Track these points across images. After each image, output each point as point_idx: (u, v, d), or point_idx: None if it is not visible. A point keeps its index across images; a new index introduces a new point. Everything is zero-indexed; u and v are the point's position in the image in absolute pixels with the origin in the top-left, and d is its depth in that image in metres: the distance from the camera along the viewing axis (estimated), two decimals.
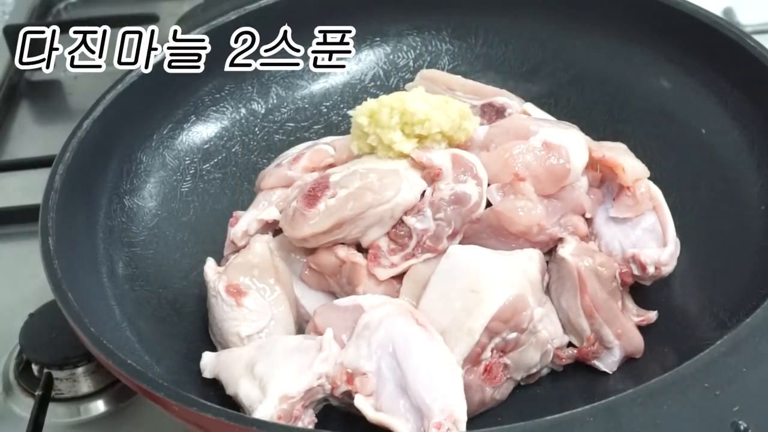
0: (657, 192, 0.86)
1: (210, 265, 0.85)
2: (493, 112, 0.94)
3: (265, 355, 0.76)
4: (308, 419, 0.74)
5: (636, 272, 0.83)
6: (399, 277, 0.83)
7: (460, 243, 0.83)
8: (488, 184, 0.84)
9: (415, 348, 0.74)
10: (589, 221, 0.87)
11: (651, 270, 0.82)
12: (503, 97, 0.94)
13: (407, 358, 0.73)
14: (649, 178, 0.88)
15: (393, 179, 0.83)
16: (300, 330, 0.84)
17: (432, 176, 0.83)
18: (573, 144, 0.85)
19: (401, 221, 0.83)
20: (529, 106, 0.94)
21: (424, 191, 0.83)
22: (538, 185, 0.83)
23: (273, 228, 0.90)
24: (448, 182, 0.83)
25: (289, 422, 0.72)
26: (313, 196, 0.83)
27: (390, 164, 0.84)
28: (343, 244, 0.84)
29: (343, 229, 0.83)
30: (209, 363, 0.79)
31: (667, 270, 0.82)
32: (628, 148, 0.91)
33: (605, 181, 0.88)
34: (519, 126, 0.87)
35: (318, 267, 0.86)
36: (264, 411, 0.71)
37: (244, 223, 0.90)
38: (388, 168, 0.84)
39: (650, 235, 0.84)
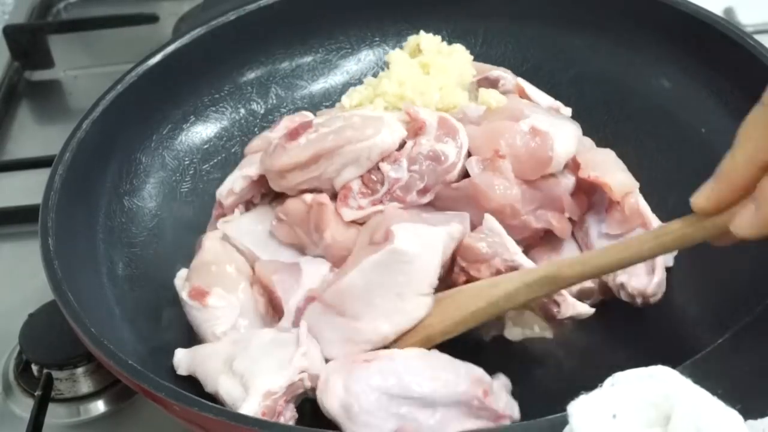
0: (645, 208, 0.84)
1: (179, 275, 0.86)
2: (487, 85, 0.95)
3: (241, 351, 0.76)
4: (289, 414, 0.74)
5: (624, 299, 0.83)
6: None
7: (436, 209, 0.84)
8: (470, 155, 0.85)
9: None
10: (573, 223, 0.87)
11: (638, 301, 0.82)
12: (498, 71, 0.95)
13: None
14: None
15: (375, 122, 0.85)
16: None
17: (415, 129, 0.85)
18: (560, 134, 0.85)
19: (377, 168, 0.84)
20: (522, 81, 0.95)
21: (405, 143, 0.85)
22: (517, 166, 0.83)
23: (259, 188, 0.90)
24: (429, 139, 0.84)
25: (272, 418, 0.72)
26: (295, 132, 0.85)
27: (375, 113, 0.87)
28: (317, 191, 0.85)
29: (320, 164, 0.83)
30: (183, 359, 0.79)
31: (654, 300, 0.82)
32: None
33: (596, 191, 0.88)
34: (514, 109, 0.88)
35: (286, 216, 0.86)
36: (248, 408, 0.71)
37: (228, 182, 0.90)
38: (372, 115, 0.86)
39: None
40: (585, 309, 0.80)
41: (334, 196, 0.86)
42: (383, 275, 0.76)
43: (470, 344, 0.81)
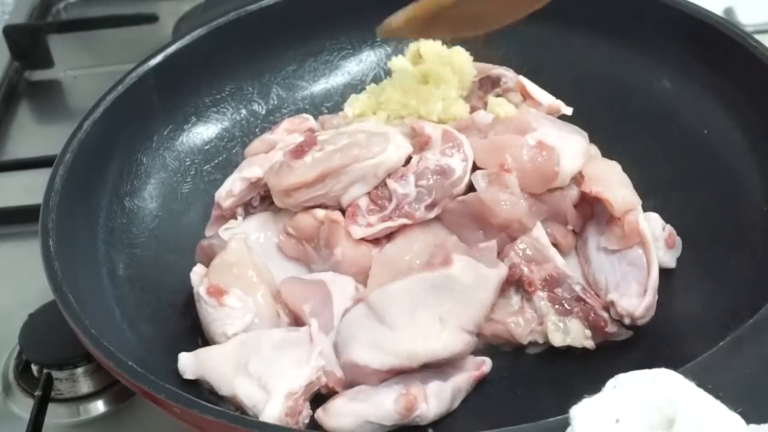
0: (644, 228, 0.83)
1: (196, 270, 0.86)
2: (489, 84, 0.95)
3: (254, 352, 0.76)
4: (306, 411, 0.75)
5: (613, 317, 0.82)
6: (375, 242, 0.85)
7: (441, 223, 0.85)
8: (476, 169, 0.85)
9: None
10: (574, 233, 0.87)
11: (626, 321, 0.81)
12: (499, 69, 0.96)
13: None
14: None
15: (380, 139, 0.85)
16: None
17: (421, 144, 0.85)
18: (567, 148, 0.85)
19: (384, 184, 0.85)
20: (524, 79, 0.95)
21: (410, 158, 0.85)
22: (524, 180, 0.83)
23: (258, 190, 0.90)
24: (435, 153, 0.85)
25: (294, 417, 0.73)
26: (300, 150, 0.85)
27: (380, 128, 0.87)
28: (322, 207, 0.85)
29: (327, 183, 0.84)
30: (189, 364, 0.78)
31: (642, 322, 0.81)
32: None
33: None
34: (522, 121, 0.87)
35: (296, 230, 0.86)
36: (272, 410, 0.72)
37: (228, 184, 0.91)
38: (377, 130, 0.86)
39: (634, 271, 0.83)
40: (626, 331, 0.82)
41: (340, 211, 0.86)
42: (432, 295, 0.76)
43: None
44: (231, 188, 0.90)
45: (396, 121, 0.90)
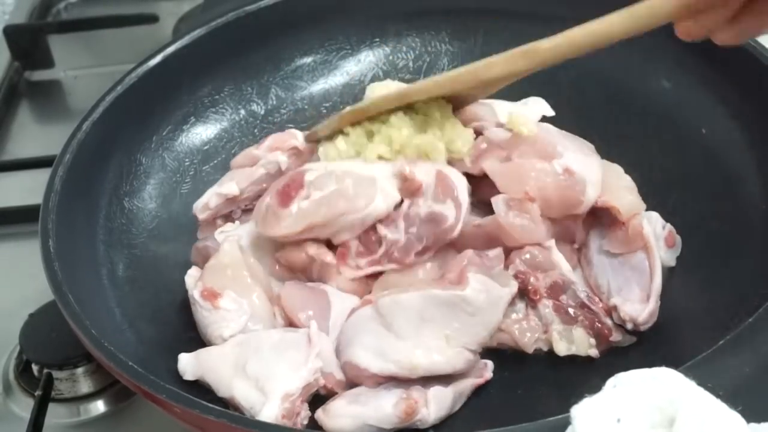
0: (649, 234, 0.83)
1: (190, 272, 0.86)
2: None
3: (252, 353, 0.76)
4: (304, 413, 0.75)
5: (616, 321, 0.82)
6: (371, 276, 0.84)
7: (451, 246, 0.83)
8: (498, 194, 0.83)
9: None
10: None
11: (629, 326, 0.81)
12: (479, 117, 0.91)
13: None
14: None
15: (367, 188, 0.82)
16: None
17: (412, 190, 0.83)
18: (592, 176, 0.84)
19: (374, 228, 0.83)
20: (511, 116, 0.89)
21: (402, 202, 0.83)
22: (545, 207, 0.82)
23: (237, 204, 0.90)
24: (426, 199, 0.82)
25: (291, 419, 0.72)
26: (287, 194, 0.83)
27: (368, 169, 0.84)
28: (314, 240, 0.84)
29: (314, 231, 0.83)
30: (189, 364, 0.78)
31: (645, 327, 0.81)
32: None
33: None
34: (546, 144, 0.85)
35: (287, 264, 0.86)
36: (269, 412, 0.71)
37: (205, 196, 0.91)
38: (365, 174, 0.83)
39: (637, 275, 0.83)
40: (629, 338, 0.82)
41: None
42: (442, 313, 0.76)
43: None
44: (207, 201, 0.90)
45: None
